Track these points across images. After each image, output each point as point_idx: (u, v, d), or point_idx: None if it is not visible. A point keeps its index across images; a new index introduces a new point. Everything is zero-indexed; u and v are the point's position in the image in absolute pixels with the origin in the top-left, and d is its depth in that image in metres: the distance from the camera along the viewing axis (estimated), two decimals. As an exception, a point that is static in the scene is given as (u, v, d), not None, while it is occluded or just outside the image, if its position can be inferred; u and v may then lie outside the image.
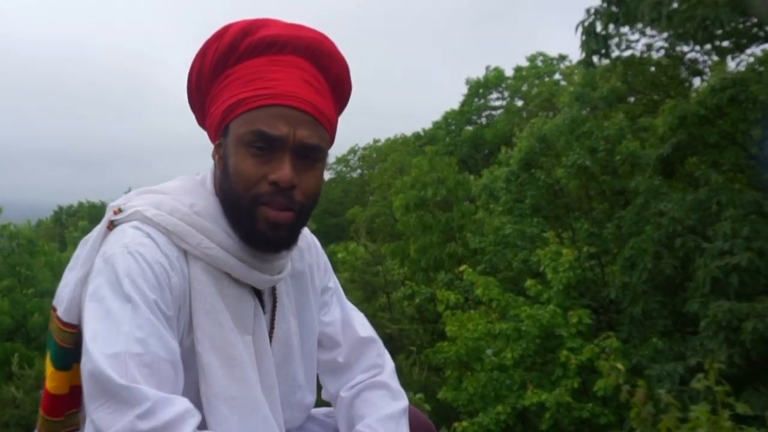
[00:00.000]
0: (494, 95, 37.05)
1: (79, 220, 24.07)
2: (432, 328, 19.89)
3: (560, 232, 18.55)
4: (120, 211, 2.21)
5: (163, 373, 1.95)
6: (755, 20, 19.34)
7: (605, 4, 11.46)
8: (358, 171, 50.56)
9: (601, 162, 18.58)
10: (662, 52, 22.48)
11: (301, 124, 2.12)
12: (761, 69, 17.08)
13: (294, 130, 2.11)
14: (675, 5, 11.18)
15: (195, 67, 2.33)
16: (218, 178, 2.28)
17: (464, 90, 37.37)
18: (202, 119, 2.43)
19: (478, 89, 36.79)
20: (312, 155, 2.17)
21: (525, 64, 35.40)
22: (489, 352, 15.94)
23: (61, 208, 53.24)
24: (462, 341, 16.47)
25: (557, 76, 33.50)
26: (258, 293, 2.34)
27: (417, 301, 20.29)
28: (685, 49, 22.59)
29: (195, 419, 1.93)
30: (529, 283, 16.38)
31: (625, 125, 18.77)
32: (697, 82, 20.44)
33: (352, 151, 50.96)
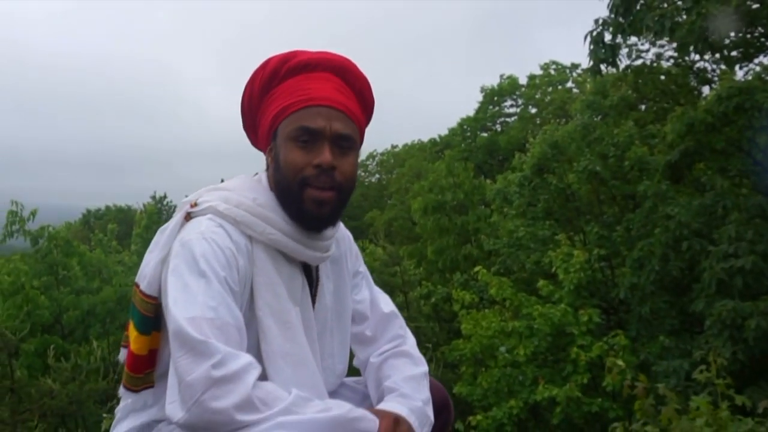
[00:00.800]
0: (508, 102, 37.03)
1: (107, 223, 24.10)
2: (447, 327, 19.92)
3: (572, 235, 18.56)
4: (196, 205, 2.57)
5: (231, 334, 2.27)
6: (762, 30, 19.41)
7: (613, 15, 11.53)
8: (377, 176, 50.51)
9: (611, 167, 18.64)
10: (671, 61, 22.54)
11: (335, 119, 2.52)
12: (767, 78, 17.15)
13: (330, 124, 2.50)
14: (678, 19, 11.24)
15: (246, 93, 2.73)
16: (272, 174, 2.63)
17: (479, 97, 37.39)
18: (255, 137, 2.82)
19: (493, 97, 36.76)
20: (345, 143, 2.55)
21: (538, 72, 35.36)
22: (502, 349, 15.95)
23: (89, 211, 53.30)
24: (476, 339, 16.51)
25: (569, 84, 33.47)
26: (306, 272, 2.70)
27: (433, 300, 20.33)
28: (695, 58, 22.65)
29: (257, 370, 2.25)
30: (541, 283, 16.39)
31: (634, 132, 18.81)
32: (706, 90, 20.44)
33: (371, 156, 50.97)
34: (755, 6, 17.71)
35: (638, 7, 11.35)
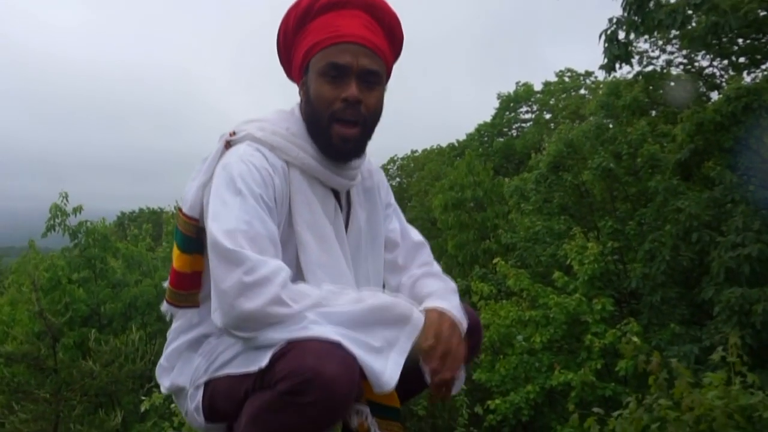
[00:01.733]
0: (524, 109, 36.97)
1: (141, 224, 24.26)
2: None
3: (586, 231, 18.63)
4: (234, 134, 2.68)
5: (263, 245, 2.38)
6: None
7: (626, 14, 11.62)
8: (397, 179, 50.40)
9: (624, 165, 18.73)
10: (681, 67, 22.62)
11: (362, 55, 2.60)
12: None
13: (357, 59, 2.58)
14: (689, 12, 11.31)
15: (281, 30, 2.82)
16: (303, 107, 2.75)
17: (496, 104, 37.43)
18: (288, 70, 2.91)
19: (509, 103, 36.71)
20: (372, 79, 2.64)
21: (553, 79, 35.38)
22: (519, 337, 16.01)
23: (123, 213, 53.44)
24: (494, 328, 16.55)
25: (583, 91, 33.49)
26: (337, 198, 2.80)
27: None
28: (704, 64, 22.68)
29: (286, 272, 2.35)
30: (556, 274, 16.46)
31: (647, 130, 18.89)
32: (714, 96, 20.50)
33: (392, 161, 50.92)
34: (762, 14, 17.79)
35: (651, 5, 11.41)
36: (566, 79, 34.74)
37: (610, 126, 20.19)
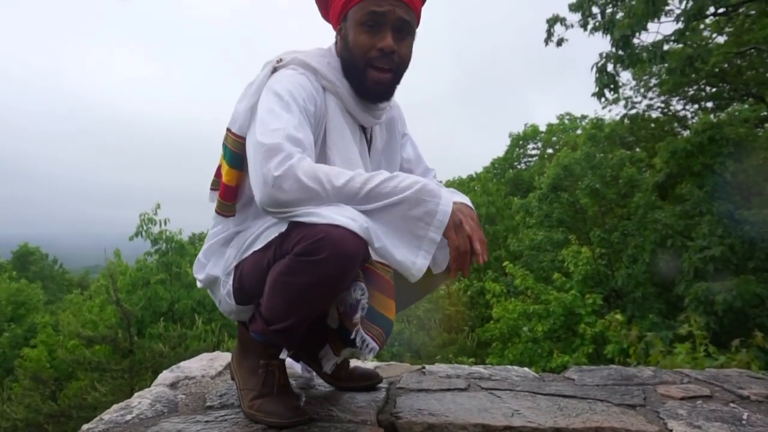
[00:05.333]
0: (531, 145, 37.29)
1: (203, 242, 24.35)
2: (481, 314, 20.09)
3: (580, 243, 18.90)
4: (281, 60, 2.56)
5: (303, 146, 2.25)
6: (731, 85, 19.84)
7: (614, 50, 11.78)
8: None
9: (609, 185, 19.10)
10: (659, 110, 23.06)
11: (398, 6, 2.46)
12: (735, 115, 17.61)
13: (394, 9, 2.45)
14: (666, 47, 11.48)
15: None
16: (340, 51, 2.60)
17: (507, 141, 37.84)
18: (325, 14, 2.74)
19: (519, 141, 37.10)
20: (405, 29, 2.51)
21: (555, 121, 35.81)
22: (525, 329, 16.31)
23: (194, 234, 53.88)
24: (504, 321, 16.88)
25: (579, 131, 33.82)
26: (362, 130, 2.70)
27: (469, 293, 20.49)
28: (678, 107, 23.08)
29: (309, 156, 2.26)
30: (555, 276, 16.82)
31: (625, 156, 19.31)
32: (686, 133, 20.83)
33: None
34: (725, 65, 18.18)
35: (635, 42, 11.58)
36: (566, 121, 35.08)
37: (597, 150, 20.55)
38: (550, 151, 34.27)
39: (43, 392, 14.35)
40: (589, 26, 13.15)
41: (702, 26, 15.85)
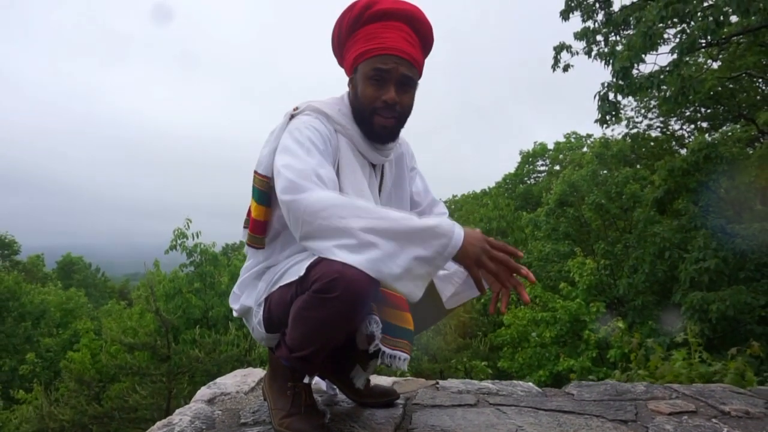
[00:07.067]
0: (540, 162, 37.32)
1: (241, 252, 24.36)
2: (493, 320, 20.11)
3: (585, 255, 18.90)
4: (297, 108, 2.66)
5: (326, 183, 2.33)
6: (726, 107, 19.86)
7: (614, 79, 11.76)
8: (440, 218, 50.10)
9: (613, 201, 19.11)
10: (658, 130, 23.11)
11: (402, 64, 2.56)
12: (728, 135, 17.60)
13: (397, 67, 2.55)
14: (662, 76, 11.45)
15: (336, 30, 2.75)
16: (351, 99, 2.70)
17: (518, 158, 37.92)
18: (340, 62, 2.82)
19: (528, 158, 37.16)
20: (407, 83, 2.60)
21: (562, 139, 35.82)
22: (534, 334, 16.35)
23: (227, 245, 53.84)
24: (514, 327, 16.97)
25: (585, 149, 33.82)
26: (372, 167, 2.75)
27: (482, 300, 20.53)
28: (676, 127, 23.13)
29: (332, 189, 2.34)
30: (562, 285, 16.85)
31: (629, 174, 19.30)
32: (683, 152, 20.83)
33: (436, 204, 51.03)
34: (719, 89, 18.19)
35: (634, 72, 11.55)
36: (572, 140, 35.08)
37: (603, 172, 20.58)
38: (557, 167, 34.30)
39: (87, 394, 14.39)
40: (593, 53, 13.23)
41: (697, 53, 15.89)
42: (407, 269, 2.18)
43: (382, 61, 2.55)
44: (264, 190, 2.58)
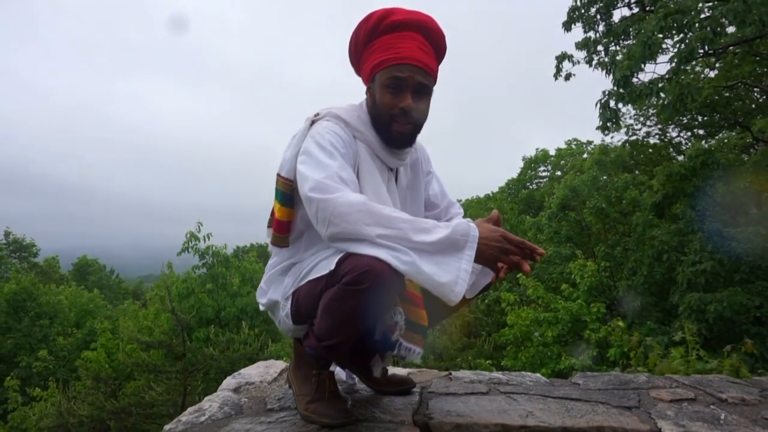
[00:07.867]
0: (542, 168, 37.31)
1: (252, 254, 24.50)
2: (497, 320, 20.11)
3: (586, 257, 18.91)
4: (317, 114, 2.69)
5: (349, 185, 2.38)
6: (722, 115, 19.92)
7: (615, 87, 11.79)
8: (445, 221, 50.03)
9: (613, 205, 19.16)
10: (657, 137, 23.18)
11: (417, 73, 2.60)
12: (724, 141, 17.66)
13: (413, 75, 2.59)
14: (661, 84, 11.48)
15: (353, 40, 2.77)
16: (369, 107, 2.74)
17: (521, 164, 37.93)
18: (357, 71, 2.86)
19: (531, 164, 37.14)
20: (423, 90, 2.64)
21: (563, 146, 35.81)
22: (536, 334, 16.33)
23: (238, 247, 53.92)
24: (518, 327, 16.89)
25: (585, 156, 33.84)
26: (389, 170, 2.78)
27: (486, 301, 20.55)
28: (673, 134, 23.20)
29: (354, 191, 2.38)
30: (563, 286, 16.83)
31: (629, 179, 19.34)
32: (681, 158, 20.86)
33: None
34: (715, 97, 18.25)
35: (634, 80, 11.58)
36: (573, 146, 35.10)
37: (603, 177, 20.63)
38: (559, 173, 34.29)
39: (104, 391, 14.51)
40: (594, 62, 13.30)
41: (695, 62, 15.98)
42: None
43: (399, 69, 2.59)
44: (287, 192, 2.64)
